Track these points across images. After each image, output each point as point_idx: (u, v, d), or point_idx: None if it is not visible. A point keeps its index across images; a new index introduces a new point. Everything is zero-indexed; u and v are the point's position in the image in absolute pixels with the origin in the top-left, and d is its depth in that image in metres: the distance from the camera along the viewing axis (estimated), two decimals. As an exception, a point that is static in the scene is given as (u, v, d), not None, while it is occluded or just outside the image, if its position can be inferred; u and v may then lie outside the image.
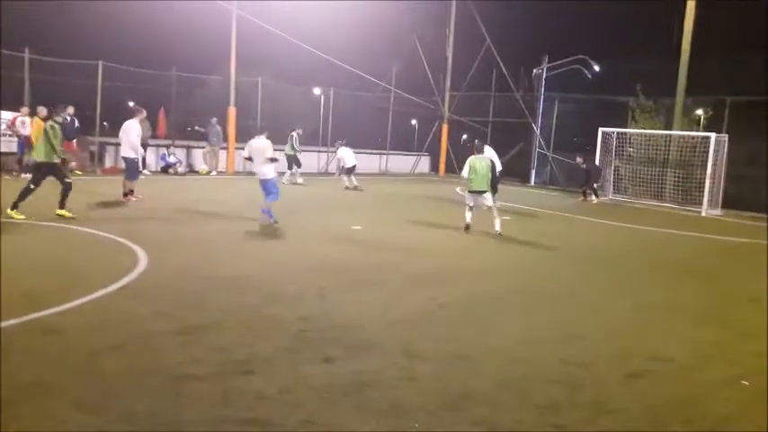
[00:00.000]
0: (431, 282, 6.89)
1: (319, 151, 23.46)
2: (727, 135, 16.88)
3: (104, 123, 16.41)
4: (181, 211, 11.00)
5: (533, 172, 23.97)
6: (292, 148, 17.27)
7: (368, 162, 23.78)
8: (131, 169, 11.60)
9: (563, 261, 8.85)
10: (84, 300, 5.28)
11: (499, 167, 12.30)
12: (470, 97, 25.93)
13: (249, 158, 10.04)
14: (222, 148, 19.51)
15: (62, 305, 5.07)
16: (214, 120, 19.03)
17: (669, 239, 11.96)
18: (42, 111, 14.59)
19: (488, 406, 3.79)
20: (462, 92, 26.01)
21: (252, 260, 7.43)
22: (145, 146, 17.35)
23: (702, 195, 16.46)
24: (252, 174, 10.90)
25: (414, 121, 31.28)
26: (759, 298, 7.19)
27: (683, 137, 17.69)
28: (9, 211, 8.79)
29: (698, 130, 18.84)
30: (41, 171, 9.13)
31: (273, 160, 9.81)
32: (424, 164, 27.79)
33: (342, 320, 5.24)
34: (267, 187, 9.91)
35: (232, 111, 19.49)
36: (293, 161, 17.39)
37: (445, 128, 26.27)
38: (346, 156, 17.43)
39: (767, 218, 15.59)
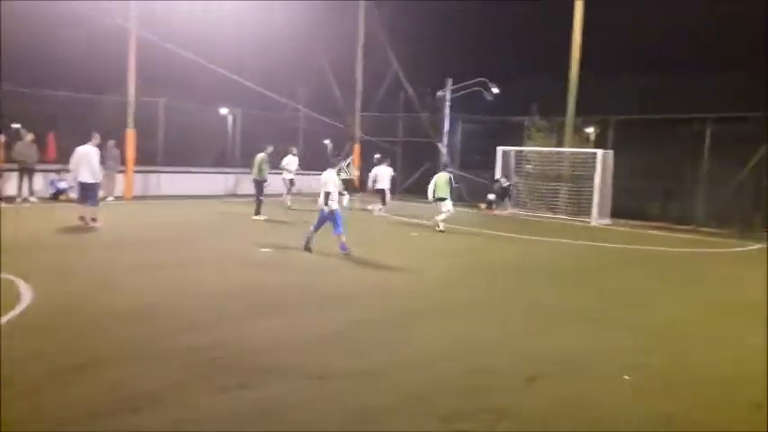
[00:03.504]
0: (343, 301, 6.95)
1: (227, 173, 22.98)
2: (612, 151, 18.30)
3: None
4: (72, 240, 10.37)
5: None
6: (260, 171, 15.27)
7: (280, 182, 23.51)
8: (94, 194, 11.88)
9: (469, 273, 9.20)
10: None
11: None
12: (380, 118, 26.46)
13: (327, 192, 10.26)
14: (120, 172, 18.61)
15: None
16: (111, 142, 18.12)
17: (563, 248, 12.75)
18: None
19: (399, 418, 3.90)
20: (372, 112, 26.48)
21: (157, 288, 7.14)
22: (31, 171, 16.32)
23: (592, 207, 17.69)
24: (150, 197, 10.48)
25: (327, 141, 31.35)
26: (644, 299, 7.84)
27: (574, 153, 18.99)
28: None
29: (588, 147, 20.31)
30: None
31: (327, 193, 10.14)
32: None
33: (255, 345, 5.18)
34: (333, 219, 10.04)
35: (131, 133, 18.68)
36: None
37: (357, 148, 26.58)
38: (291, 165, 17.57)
39: (650, 225, 17.09)
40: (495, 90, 22.80)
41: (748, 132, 17.35)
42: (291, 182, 17.63)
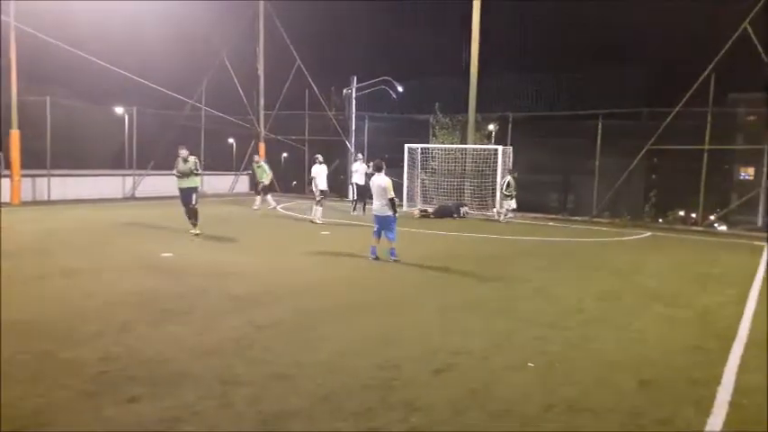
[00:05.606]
0: (248, 304, 6.79)
1: (124, 175, 21.79)
2: (511, 147, 19.18)
3: None
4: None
5: (350, 187, 24.80)
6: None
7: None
8: None
9: (377, 270, 9.29)
10: None
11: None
12: (286, 116, 26.09)
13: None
14: (4, 176, 17.17)
15: None
16: (-8, 144, 16.74)
17: (466, 242, 13.19)
18: None
19: (305, 420, 3.86)
20: (277, 110, 26.06)
21: (45, 300, 6.65)
22: None
23: (495, 201, 18.45)
24: (41, 203, 9.74)
25: (231, 140, 30.51)
26: (542, 288, 8.29)
27: (477, 149, 19.71)
28: None
29: (489, 144, 21.16)
30: None
31: (392, 199, 9.87)
32: (243, 183, 27.25)
33: (149, 355, 4.94)
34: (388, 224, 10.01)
35: (15, 134, 17.26)
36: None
37: (262, 146, 26.06)
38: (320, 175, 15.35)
39: (549, 218, 18.10)
40: (400, 88, 23.21)
41: (636, 127, 18.89)
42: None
